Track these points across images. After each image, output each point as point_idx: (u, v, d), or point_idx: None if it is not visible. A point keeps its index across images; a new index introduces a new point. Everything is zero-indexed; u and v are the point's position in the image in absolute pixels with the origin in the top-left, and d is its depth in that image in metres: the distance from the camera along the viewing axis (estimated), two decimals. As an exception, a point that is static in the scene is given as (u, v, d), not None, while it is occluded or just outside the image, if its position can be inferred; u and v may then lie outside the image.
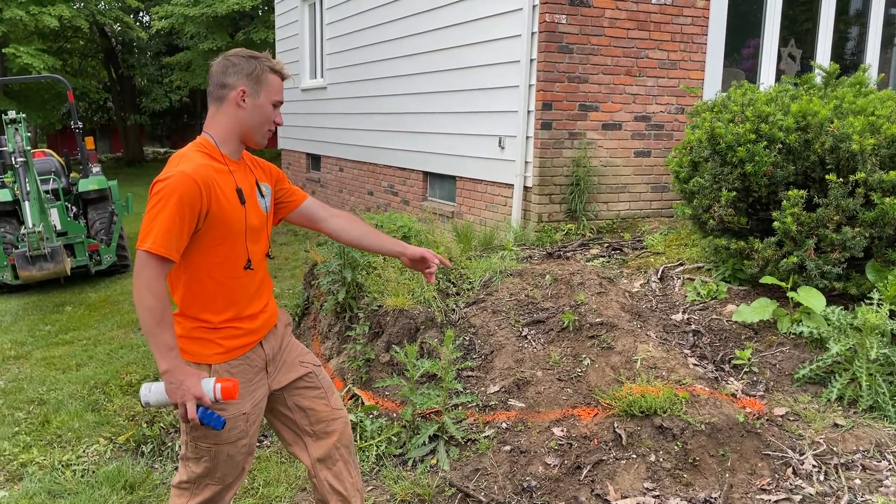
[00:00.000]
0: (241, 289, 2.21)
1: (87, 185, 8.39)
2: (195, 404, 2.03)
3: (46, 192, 7.88)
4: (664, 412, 3.18)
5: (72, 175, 9.09)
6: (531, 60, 5.81)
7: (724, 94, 4.65)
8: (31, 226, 6.89)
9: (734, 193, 4.07)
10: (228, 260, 2.16)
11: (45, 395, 4.69)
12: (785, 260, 3.84)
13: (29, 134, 7.65)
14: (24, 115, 7.44)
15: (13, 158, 7.10)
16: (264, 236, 2.31)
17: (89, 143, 8.79)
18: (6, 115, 7.39)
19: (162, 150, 37.47)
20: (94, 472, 3.62)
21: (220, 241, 2.12)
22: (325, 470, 2.45)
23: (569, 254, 5.32)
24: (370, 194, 9.14)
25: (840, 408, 3.34)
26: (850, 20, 7.20)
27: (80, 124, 8.81)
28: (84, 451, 3.88)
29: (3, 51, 17.94)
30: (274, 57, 2.24)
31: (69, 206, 8.29)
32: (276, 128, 2.25)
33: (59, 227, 7.67)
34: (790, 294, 3.77)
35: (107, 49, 25.69)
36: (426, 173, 7.85)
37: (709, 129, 4.21)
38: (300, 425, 2.43)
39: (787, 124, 3.92)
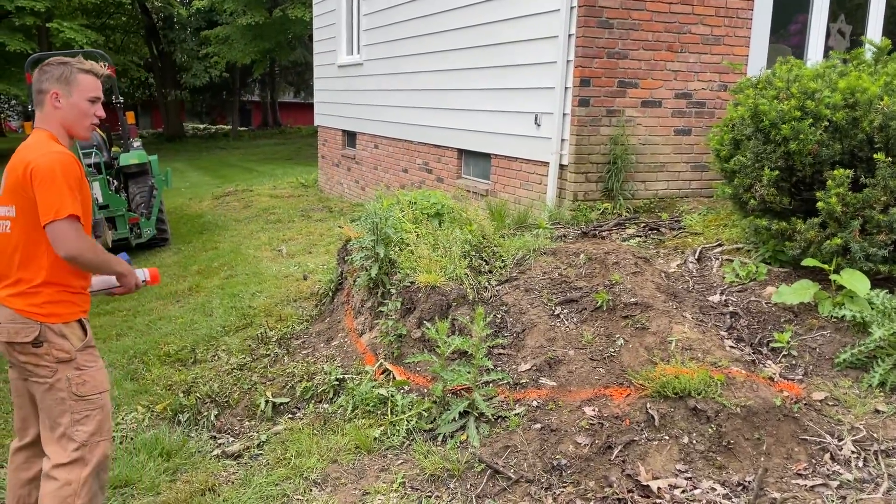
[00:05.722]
0: None
1: (127, 159, 8.53)
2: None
3: (88, 165, 8.03)
4: (698, 394, 3.13)
5: (113, 149, 9.25)
6: (569, 35, 5.71)
7: (769, 70, 4.51)
8: (73, 199, 7.03)
9: (777, 172, 3.96)
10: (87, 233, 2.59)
11: (86, 364, 4.81)
12: (828, 242, 3.73)
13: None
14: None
15: None
16: None
17: (130, 117, 8.92)
18: None
19: (202, 126, 37.91)
20: (132, 438, 3.71)
21: (85, 216, 2.53)
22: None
23: (604, 233, 5.25)
24: (405, 172, 9.13)
25: (882, 394, 3.25)
26: (905, -6, 6.91)
27: (121, 99, 8.94)
28: (123, 419, 3.97)
29: (48, 26, 18.27)
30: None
31: (110, 179, 8.44)
32: (98, 121, 2.64)
33: (100, 201, 7.82)
34: (833, 277, 3.66)
35: (148, 25, 26.01)
36: (461, 151, 7.80)
37: (752, 105, 4.09)
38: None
39: (834, 101, 3.79)
